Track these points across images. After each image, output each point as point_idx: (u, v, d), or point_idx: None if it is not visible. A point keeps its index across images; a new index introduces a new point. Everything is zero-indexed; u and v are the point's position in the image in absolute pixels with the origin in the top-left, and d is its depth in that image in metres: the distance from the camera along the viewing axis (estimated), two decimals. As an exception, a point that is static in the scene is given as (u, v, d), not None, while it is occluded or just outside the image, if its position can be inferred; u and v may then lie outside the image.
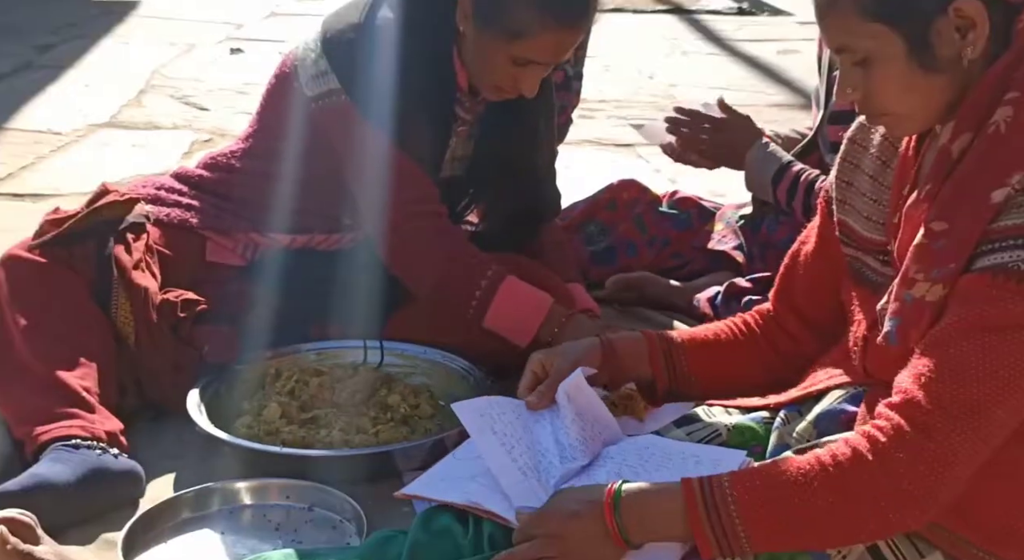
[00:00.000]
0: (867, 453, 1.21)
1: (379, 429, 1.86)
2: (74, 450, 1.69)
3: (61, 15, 5.56)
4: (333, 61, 1.96)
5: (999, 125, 1.25)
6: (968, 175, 1.27)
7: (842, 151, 1.50)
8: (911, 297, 1.28)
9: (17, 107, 4.03)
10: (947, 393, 1.20)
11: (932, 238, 1.27)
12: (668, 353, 1.58)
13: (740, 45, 5.54)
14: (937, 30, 1.25)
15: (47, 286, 1.89)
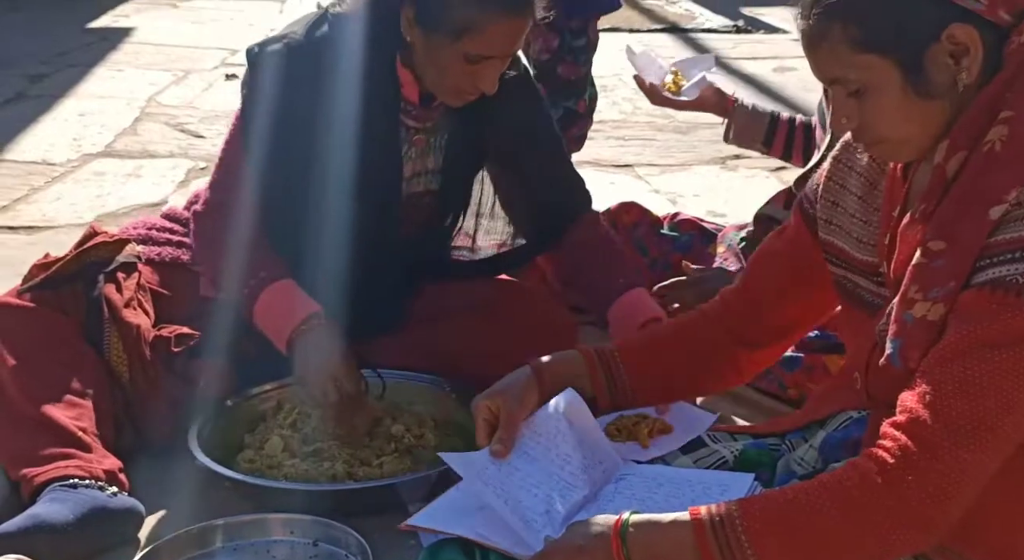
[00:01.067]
0: (875, 476, 1.20)
1: (383, 461, 1.84)
2: (72, 489, 1.67)
3: (54, 44, 5.56)
4: (250, 74, 1.95)
5: (994, 144, 1.25)
6: (964, 194, 1.26)
7: (827, 171, 1.49)
8: (911, 317, 1.27)
9: (11, 138, 4.02)
10: (952, 411, 1.19)
11: (930, 257, 1.26)
12: (607, 367, 1.55)
13: (737, 63, 5.54)
14: (931, 57, 1.25)
15: (37, 330, 1.88)
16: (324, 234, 1.94)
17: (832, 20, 1.26)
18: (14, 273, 2.71)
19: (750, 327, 1.58)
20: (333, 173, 1.92)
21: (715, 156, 3.98)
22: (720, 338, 1.58)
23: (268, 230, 1.95)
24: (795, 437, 1.53)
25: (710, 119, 4.39)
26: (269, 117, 1.92)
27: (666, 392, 1.64)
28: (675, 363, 1.58)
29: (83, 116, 4.35)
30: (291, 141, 1.91)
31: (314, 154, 1.91)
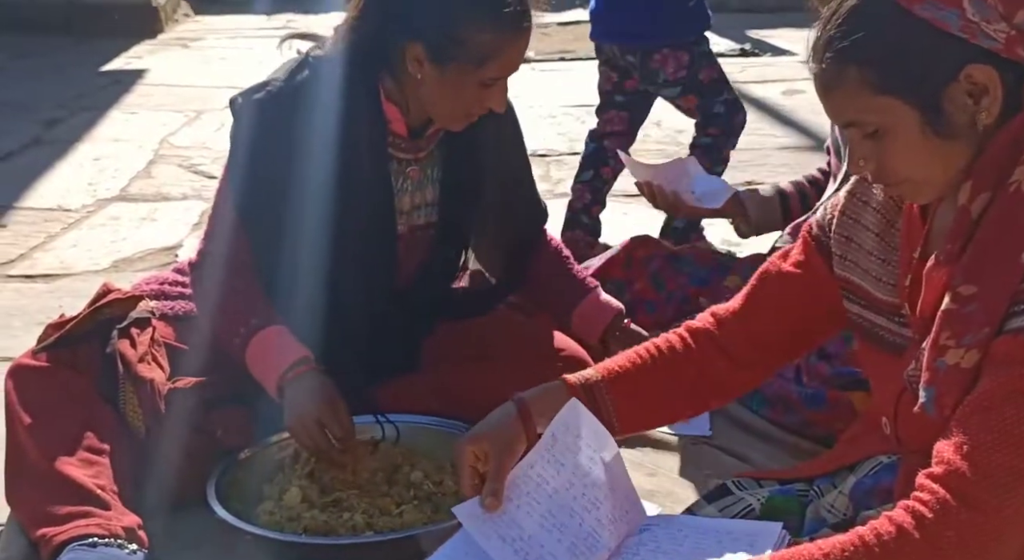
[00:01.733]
0: (913, 530, 1.17)
1: (403, 509, 1.82)
2: (91, 548, 1.67)
3: (68, 88, 5.61)
4: (234, 124, 1.97)
5: (1020, 185, 1.23)
6: (992, 237, 1.25)
7: (841, 205, 1.47)
8: (944, 364, 1.25)
9: (27, 185, 4.04)
10: (991, 462, 1.17)
11: (961, 303, 1.24)
12: (593, 400, 1.50)
13: (745, 87, 5.52)
14: (949, 97, 1.24)
15: (53, 389, 1.89)
16: (321, 278, 1.94)
17: (847, 63, 1.25)
18: (33, 322, 2.73)
19: (742, 347, 1.54)
20: (326, 216, 1.92)
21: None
22: (707, 357, 1.54)
23: (265, 277, 1.95)
24: (823, 483, 1.50)
25: (722, 145, 4.44)
26: (256, 165, 1.92)
27: (650, 420, 1.62)
28: (660, 390, 1.54)
29: (98, 160, 4.38)
30: (279, 187, 1.90)
31: (304, 198, 1.91)
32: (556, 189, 3.96)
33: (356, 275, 1.97)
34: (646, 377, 1.53)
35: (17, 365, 1.94)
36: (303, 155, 1.89)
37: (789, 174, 4.03)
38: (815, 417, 2.07)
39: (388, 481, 1.91)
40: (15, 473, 1.85)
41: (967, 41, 1.22)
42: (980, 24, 1.21)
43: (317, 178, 1.90)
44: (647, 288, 2.53)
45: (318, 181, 1.90)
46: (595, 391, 1.50)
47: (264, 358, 1.89)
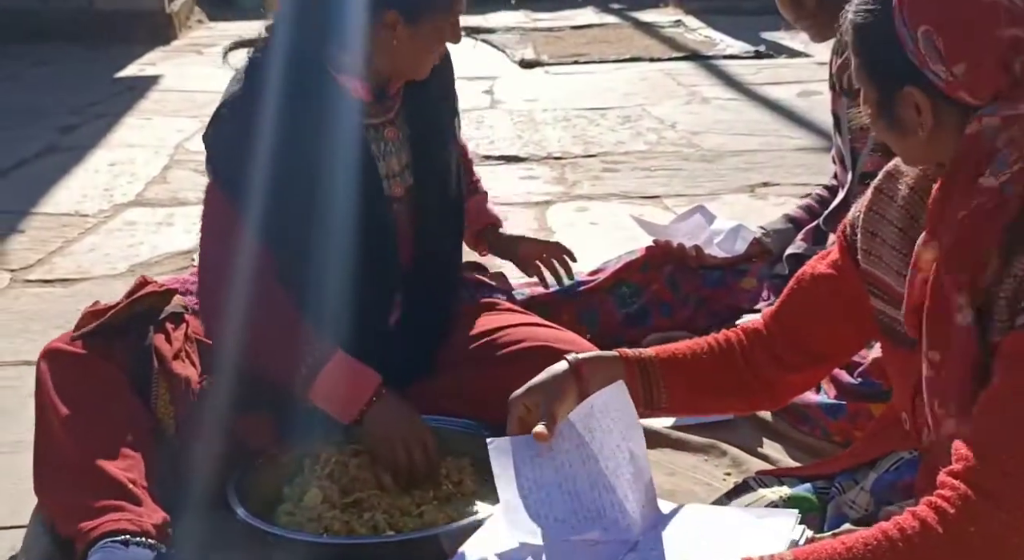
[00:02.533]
0: (936, 525, 1.17)
1: (423, 510, 1.82)
2: (123, 546, 1.67)
3: (84, 95, 5.64)
4: (209, 155, 1.97)
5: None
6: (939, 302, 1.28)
7: (868, 200, 1.48)
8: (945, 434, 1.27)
9: (44, 190, 4.07)
10: (1012, 458, 1.17)
11: (935, 370, 1.28)
12: (646, 374, 1.53)
13: (760, 89, 5.53)
14: (898, 100, 1.30)
15: (88, 379, 1.89)
16: (334, 272, 1.94)
17: (849, 37, 1.34)
18: (52, 326, 2.74)
19: (786, 349, 1.56)
20: (320, 205, 1.92)
21: (743, 184, 3.97)
22: (757, 358, 1.57)
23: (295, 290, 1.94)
24: (845, 479, 1.50)
25: (737, 146, 4.46)
26: (240, 182, 1.90)
27: (698, 406, 1.64)
28: (711, 378, 1.57)
29: (114, 166, 4.41)
30: (276, 196, 1.89)
31: (301, 196, 1.91)
32: (572, 191, 3.96)
33: (359, 251, 1.95)
34: (700, 365, 1.56)
35: (53, 349, 1.93)
36: (283, 156, 1.89)
37: (805, 175, 4.04)
38: (834, 427, 2.06)
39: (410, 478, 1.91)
40: (46, 463, 1.85)
41: (916, 66, 1.27)
42: (927, 59, 1.25)
43: (303, 173, 1.90)
44: (663, 290, 2.53)
45: (306, 175, 1.90)
46: (649, 367, 1.54)
47: (338, 389, 1.90)
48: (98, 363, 1.91)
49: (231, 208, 1.92)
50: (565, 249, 2.44)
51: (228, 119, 1.94)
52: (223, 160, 1.95)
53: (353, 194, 1.95)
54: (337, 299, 1.95)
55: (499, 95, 5.58)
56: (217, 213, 1.97)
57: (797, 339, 1.56)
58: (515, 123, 4.96)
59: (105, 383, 1.89)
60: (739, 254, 2.54)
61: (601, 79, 5.94)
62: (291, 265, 1.94)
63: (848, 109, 2.37)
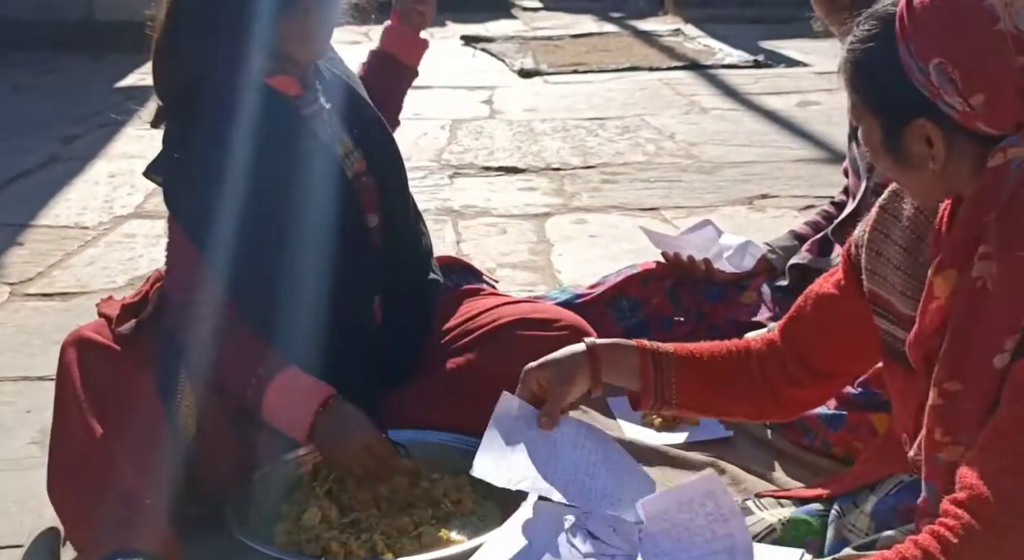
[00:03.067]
0: (939, 555, 1.17)
1: (421, 531, 1.82)
2: None
3: (84, 105, 5.65)
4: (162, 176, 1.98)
5: (985, 283, 1.26)
6: (966, 334, 1.27)
7: (873, 219, 1.48)
8: (942, 461, 1.28)
9: (44, 202, 4.07)
10: (1016, 488, 1.17)
11: (948, 399, 1.27)
12: (658, 367, 1.56)
13: (758, 99, 5.54)
14: (906, 133, 1.29)
15: (116, 378, 1.85)
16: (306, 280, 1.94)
17: (847, 60, 1.33)
18: (50, 341, 2.74)
19: (793, 364, 1.57)
20: (283, 211, 1.92)
21: (742, 196, 3.97)
22: (770, 369, 1.58)
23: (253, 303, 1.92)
24: (845, 502, 1.50)
25: (736, 158, 4.46)
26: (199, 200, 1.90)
27: (707, 406, 1.65)
28: (724, 382, 1.58)
29: (113, 177, 4.41)
30: (232, 212, 1.89)
31: (260, 206, 1.90)
32: (571, 203, 3.96)
33: (337, 241, 1.96)
34: (715, 367, 1.58)
35: (84, 338, 1.90)
36: (240, 172, 1.88)
37: (803, 187, 4.04)
38: (835, 438, 2.06)
39: (408, 495, 1.91)
40: (62, 462, 1.82)
41: (926, 96, 1.26)
42: (940, 91, 1.24)
43: (257, 184, 1.89)
44: (664, 304, 2.53)
45: (261, 186, 1.89)
46: (663, 361, 1.56)
47: (287, 406, 1.87)
48: (128, 362, 1.87)
49: (191, 244, 1.91)
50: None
51: (180, 153, 1.93)
52: (179, 195, 1.94)
53: (322, 187, 1.96)
54: (319, 299, 1.95)
55: (498, 105, 5.58)
56: (178, 246, 1.95)
57: (803, 356, 1.57)
58: (514, 133, 4.96)
59: (133, 385, 1.86)
60: (747, 270, 2.55)
61: (600, 89, 5.95)
62: (266, 284, 1.92)
63: None
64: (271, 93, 1.96)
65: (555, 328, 2.07)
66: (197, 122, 1.91)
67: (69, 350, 1.89)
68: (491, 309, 2.15)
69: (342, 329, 1.96)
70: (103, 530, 1.71)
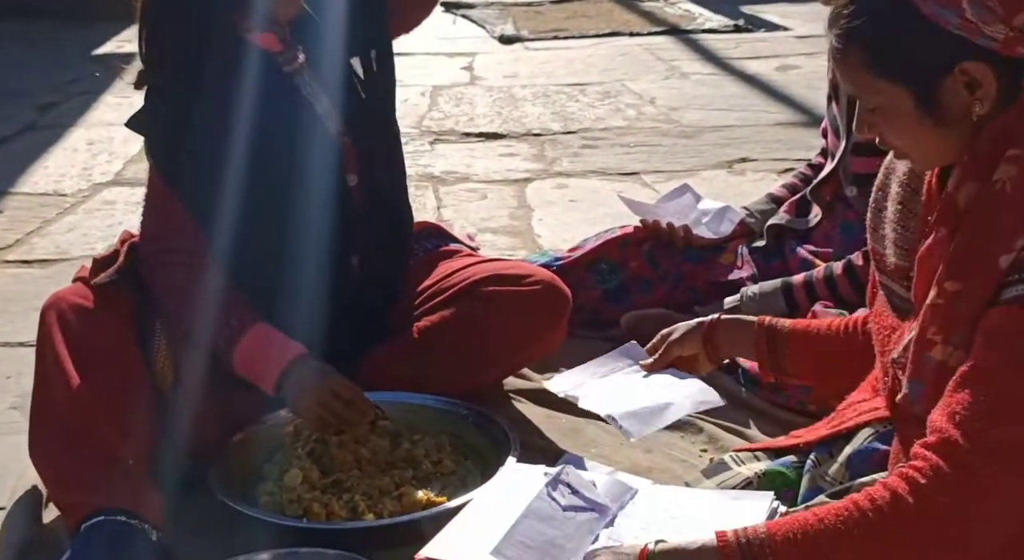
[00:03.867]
0: (907, 496, 1.19)
1: (402, 491, 1.84)
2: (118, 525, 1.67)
3: (62, 73, 5.59)
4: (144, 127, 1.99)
5: (1004, 184, 1.25)
6: (976, 235, 1.27)
7: (878, 180, 1.50)
8: (931, 360, 1.28)
9: (22, 170, 4.04)
10: (985, 431, 1.18)
11: (947, 299, 1.27)
12: (772, 344, 1.67)
13: (739, 63, 5.53)
14: (945, 88, 1.26)
15: (96, 335, 1.85)
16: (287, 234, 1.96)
17: (851, 42, 1.29)
18: (30, 308, 2.72)
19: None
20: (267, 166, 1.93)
21: (722, 160, 3.98)
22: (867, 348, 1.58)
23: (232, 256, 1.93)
24: (820, 452, 1.53)
25: (716, 122, 4.47)
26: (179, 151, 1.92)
27: (814, 378, 1.73)
28: (831, 357, 1.64)
29: (92, 145, 4.38)
30: (210, 157, 1.90)
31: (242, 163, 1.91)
32: (551, 168, 3.96)
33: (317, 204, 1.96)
34: (823, 344, 1.65)
35: (61, 299, 1.90)
36: (215, 120, 1.89)
37: (782, 150, 4.05)
38: (806, 397, 2.08)
39: (389, 455, 1.93)
40: (45, 424, 1.81)
41: (964, 38, 1.24)
42: (978, 24, 1.23)
43: (240, 138, 1.90)
44: (642, 267, 2.54)
45: (243, 140, 1.90)
46: (777, 335, 1.66)
47: (258, 358, 1.88)
48: (107, 318, 1.88)
49: (168, 190, 1.94)
50: None
51: (160, 107, 1.94)
52: (159, 144, 1.96)
53: (304, 142, 1.96)
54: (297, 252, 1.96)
55: (479, 71, 5.55)
56: (156, 193, 1.97)
57: None
58: (494, 100, 4.94)
59: (113, 342, 1.86)
60: (725, 235, 2.55)
61: (581, 54, 5.93)
62: (245, 235, 1.93)
63: None
64: (252, 49, 1.95)
65: (527, 283, 2.09)
66: (180, 75, 1.91)
67: (49, 313, 1.89)
68: (464, 268, 2.16)
69: (319, 285, 1.97)
70: (85, 490, 1.71)
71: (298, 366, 1.87)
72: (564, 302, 2.10)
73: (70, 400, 1.79)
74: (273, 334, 1.90)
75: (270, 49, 1.99)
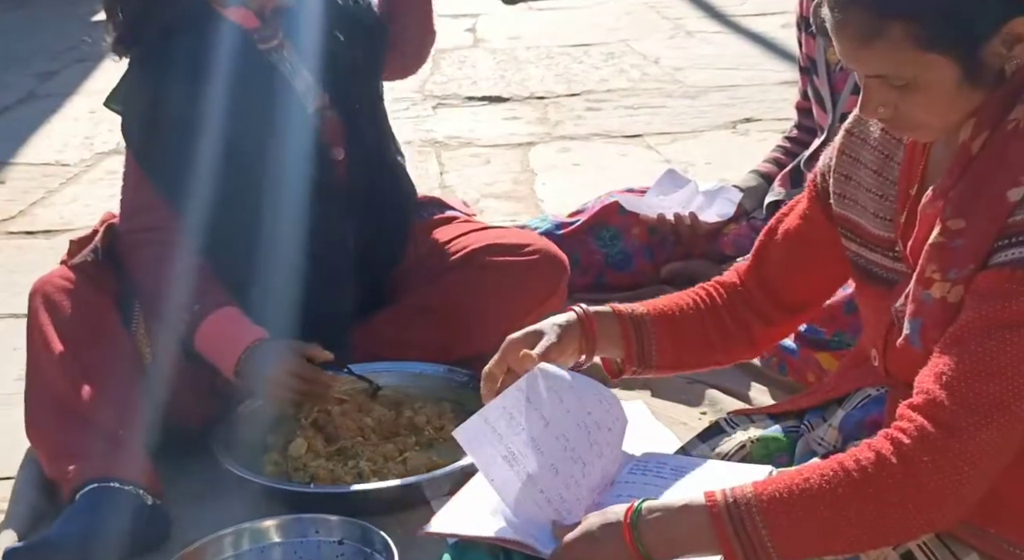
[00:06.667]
0: (891, 456, 1.20)
1: (406, 456, 1.86)
2: (111, 492, 1.70)
3: (61, 39, 5.57)
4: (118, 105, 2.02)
5: (1018, 123, 1.24)
6: (984, 173, 1.25)
7: (839, 143, 1.47)
8: (930, 297, 1.26)
9: (24, 139, 4.04)
10: (969, 391, 1.19)
11: (949, 237, 1.25)
12: (638, 330, 1.53)
13: (744, 21, 5.48)
14: (989, 49, 1.23)
15: (81, 313, 1.89)
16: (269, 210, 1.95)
17: (890, 17, 1.22)
18: (36, 279, 2.74)
19: (763, 303, 1.58)
20: (241, 139, 1.92)
21: (726, 121, 3.96)
22: (738, 313, 1.58)
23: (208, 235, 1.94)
24: (814, 417, 1.53)
25: (720, 82, 4.44)
26: (153, 128, 1.93)
27: (684, 363, 1.63)
28: (697, 334, 1.57)
29: (93, 113, 4.36)
30: (187, 139, 1.90)
31: (218, 136, 1.91)
32: (554, 132, 3.95)
33: (301, 175, 1.96)
34: (687, 321, 1.57)
35: (45, 282, 1.94)
36: (188, 97, 1.89)
37: (787, 109, 3.98)
38: (791, 363, 2.09)
39: (392, 424, 1.94)
40: (37, 402, 1.86)
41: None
42: None
43: (215, 110, 1.90)
44: (643, 234, 2.54)
45: (217, 118, 1.90)
46: (642, 324, 1.54)
47: (217, 341, 1.89)
48: (90, 295, 1.91)
49: (142, 172, 1.95)
50: None
51: (134, 85, 1.95)
52: (134, 125, 1.98)
53: (280, 119, 1.95)
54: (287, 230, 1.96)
55: (481, 33, 5.52)
56: (130, 171, 1.99)
57: (774, 292, 1.57)
58: (498, 62, 4.91)
59: (97, 318, 1.90)
60: (729, 216, 2.53)
61: (585, 14, 5.88)
62: (228, 216, 1.94)
63: (825, 49, 2.36)
64: (227, 25, 1.93)
65: (524, 253, 2.09)
66: (152, 52, 1.91)
67: (35, 297, 1.94)
68: (461, 236, 2.17)
69: (315, 259, 1.97)
70: (79, 462, 1.74)
71: (252, 353, 1.86)
72: (562, 271, 2.10)
73: (59, 377, 1.84)
74: (233, 319, 1.90)
75: (245, 24, 1.97)
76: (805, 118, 2.59)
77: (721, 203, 2.58)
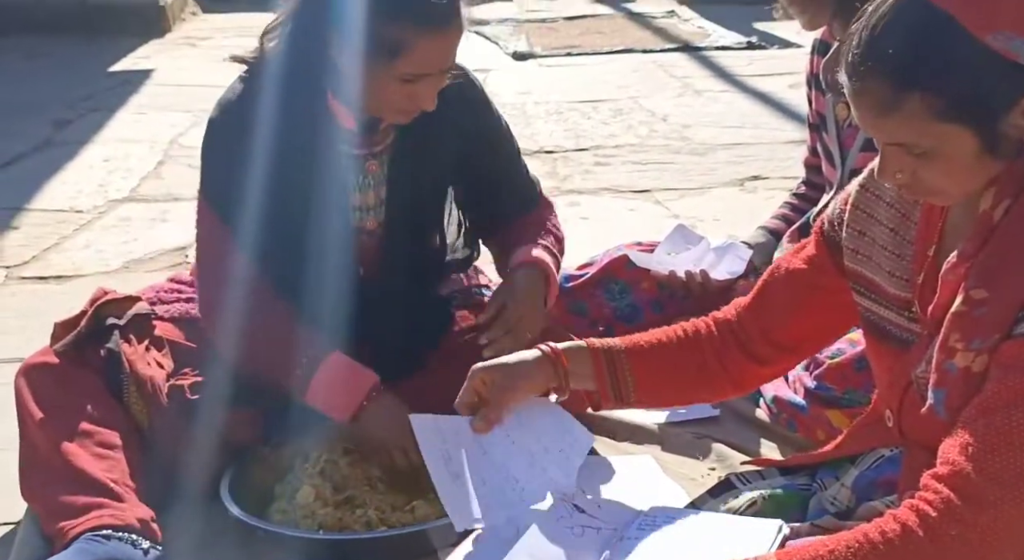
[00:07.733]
0: (917, 528, 1.19)
1: (414, 505, 1.85)
2: (105, 540, 1.70)
3: (78, 88, 5.65)
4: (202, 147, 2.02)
5: None
6: (1007, 242, 1.27)
7: (853, 198, 1.48)
8: (954, 367, 1.27)
9: (38, 186, 4.08)
10: (996, 464, 1.19)
11: (972, 306, 1.26)
12: (612, 365, 1.55)
13: (751, 81, 5.55)
14: (1007, 121, 1.23)
15: (64, 387, 1.94)
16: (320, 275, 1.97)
17: (909, 88, 1.22)
18: (48, 324, 2.74)
19: (757, 342, 1.58)
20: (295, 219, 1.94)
21: (733, 178, 3.99)
22: (727, 349, 1.58)
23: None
24: (826, 476, 1.53)
25: (728, 140, 4.48)
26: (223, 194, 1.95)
27: (665, 397, 1.65)
28: (679, 370, 1.58)
29: (108, 161, 4.42)
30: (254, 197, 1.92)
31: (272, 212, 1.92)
32: (563, 186, 3.98)
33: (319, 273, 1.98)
34: (667, 355, 1.57)
35: (29, 364, 1.99)
36: (262, 172, 1.90)
37: (795, 168, 4.04)
38: (800, 420, 2.09)
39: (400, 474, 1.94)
40: (29, 467, 1.89)
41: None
42: None
43: (279, 191, 1.91)
44: (652, 288, 2.55)
45: (280, 193, 1.91)
46: (616, 359, 1.55)
47: (334, 387, 1.91)
48: (73, 371, 1.96)
49: (217, 220, 1.97)
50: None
51: (217, 130, 1.98)
52: (210, 171, 2.01)
53: (320, 219, 1.96)
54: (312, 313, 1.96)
55: (492, 88, 5.55)
56: (205, 224, 2.02)
57: (769, 332, 1.57)
58: (507, 117, 4.90)
59: (81, 388, 1.94)
60: (739, 275, 2.53)
61: (594, 71, 5.96)
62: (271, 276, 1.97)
63: (835, 106, 2.39)
64: (323, 109, 1.93)
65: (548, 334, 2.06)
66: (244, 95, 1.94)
67: (19, 379, 1.97)
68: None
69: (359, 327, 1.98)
70: (69, 519, 1.75)
71: (376, 403, 1.91)
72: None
73: (46, 443, 1.87)
74: (346, 364, 1.92)
75: (343, 122, 1.96)
76: (814, 175, 2.61)
77: (731, 260, 2.58)
